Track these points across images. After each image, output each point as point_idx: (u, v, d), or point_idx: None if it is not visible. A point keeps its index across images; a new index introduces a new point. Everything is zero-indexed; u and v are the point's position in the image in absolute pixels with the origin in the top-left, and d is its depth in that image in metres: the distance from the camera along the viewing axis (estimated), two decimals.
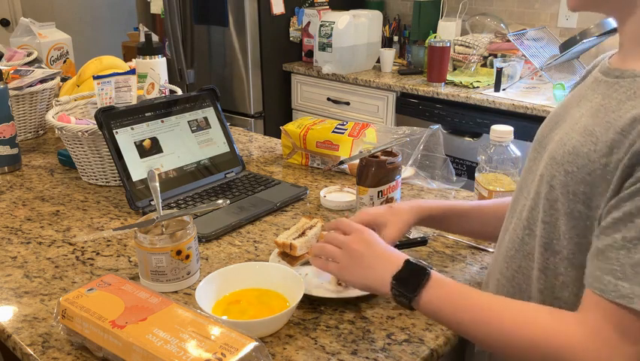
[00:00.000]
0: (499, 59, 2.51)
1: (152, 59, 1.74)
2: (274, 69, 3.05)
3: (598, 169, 0.67)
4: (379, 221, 0.96)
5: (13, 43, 2.27)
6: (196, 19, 3.06)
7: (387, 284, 0.78)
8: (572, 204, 0.70)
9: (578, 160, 0.69)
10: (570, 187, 0.70)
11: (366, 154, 1.16)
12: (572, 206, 0.70)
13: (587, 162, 0.68)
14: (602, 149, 0.67)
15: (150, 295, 0.81)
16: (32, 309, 0.93)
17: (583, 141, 0.70)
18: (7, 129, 1.49)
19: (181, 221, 1.00)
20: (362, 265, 0.82)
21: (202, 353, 0.68)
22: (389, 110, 2.72)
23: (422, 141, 1.40)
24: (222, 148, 1.44)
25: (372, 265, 0.81)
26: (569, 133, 0.73)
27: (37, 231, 1.19)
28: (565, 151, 0.72)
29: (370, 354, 0.82)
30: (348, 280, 0.85)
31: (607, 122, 0.68)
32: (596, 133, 0.68)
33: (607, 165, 0.66)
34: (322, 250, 0.88)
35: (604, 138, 0.67)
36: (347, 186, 1.36)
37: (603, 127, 0.68)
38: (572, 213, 0.70)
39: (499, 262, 0.86)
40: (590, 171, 0.68)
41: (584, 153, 0.69)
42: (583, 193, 0.69)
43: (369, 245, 0.84)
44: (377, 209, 0.98)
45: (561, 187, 0.71)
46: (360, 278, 0.83)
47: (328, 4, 3.11)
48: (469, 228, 1.03)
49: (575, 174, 0.69)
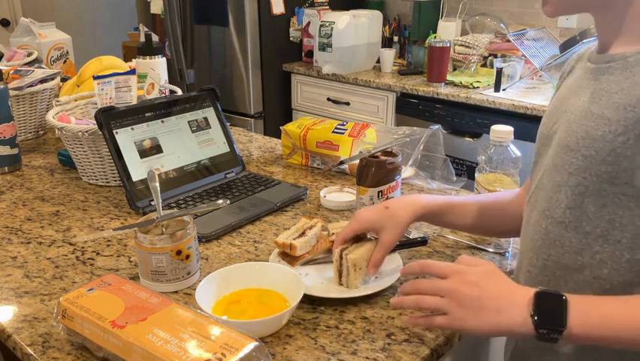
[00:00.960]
0: (499, 59, 2.51)
1: (152, 59, 1.74)
2: (274, 69, 3.05)
3: (617, 148, 0.70)
4: (376, 226, 0.96)
5: (13, 44, 2.27)
6: (196, 19, 3.06)
7: (527, 324, 0.69)
8: (596, 185, 0.72)
9: (595, 144, 0.72)
10: (591, 170, 0.73)
11: (366, 154, 1.16)
12: (597, 187, 0.72)
13: (605, 143, 0.71)
14: (617, 128, 0.70)
15: (150, 295, 0.81)
16: (32, 309, 0.93)
17: (594, 125, 0.73)
18: (7, 129, 1.49)
19: (181, 221, 1.00)
20: (482, 309, 0.72)
21: (202, 353, 0.68)
22: (389, 111, 2.72)
23: (422, 141, 1.40)
24: (222, 148, 1.44)
25: (497, 308, 0.71)
26: (576, 121, 0.76)
27: (38, 231, 1.19)
28: (578, 137, 0.75)
29: (370, 354, 0.82)
30: (470, 330, 0.73)
31: (614, 103, 0.71)
32: (606, 115, 0.72)
33: (626, 142, 0.69)
34: (419, 302, 0.77)
35: (616, 117, 0.71)
36: (347, 186, 1.36)
37: (612, 108, 0.71)
38: (599, 193, 0.72)
39: (526, 255, 0.86)
40: (609, 151, 0.71)
41: (599, 136, 0.72)
42: (606, 173, 0.71)
43: (479, 285, 0.73)
44: (373, 213, 0.97)
45: (582, 172, 0.74)
46: (486, 325, 0.72)
47: (328, 4, 3.11)
48: (468, 223, 1.03)
49: (594, 157, 0.72)
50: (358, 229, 0.96)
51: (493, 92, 2.42)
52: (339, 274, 0.95)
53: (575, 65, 0.88)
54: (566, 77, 0.90)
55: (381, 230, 0.95)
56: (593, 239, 0.75)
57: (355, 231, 0.96)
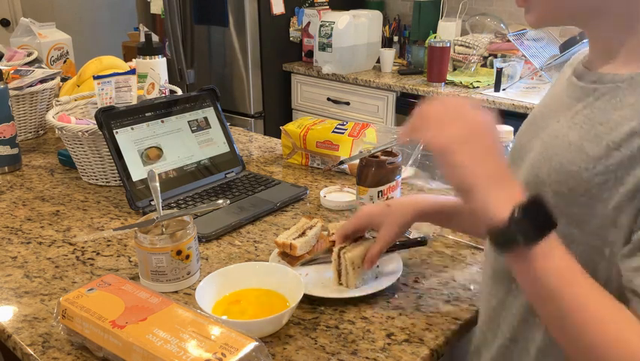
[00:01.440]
0: (499, 59, 2.51)
1: (152, 59, 1.74)
2: (274, 69, 3.05)
3: (593, 188, 0.61)
4: (375, 221, 0.95)
5: (13, 44, 2.27)
6: (196, 19, 3.06)
7: (504, 206, 0.60)
8: (564, 228, 0.63)
9: (569, 180, 0.63)
10: (560, 209, 0.63)
11: (366, 154, 1.16)
12: (564, 230, 0.63)
13: (580, 181, 0.62)
14: (597, 166, 0.61)
15: (150, 295, 0.81)
16: (32, 309, 0.93)
17: (571, 158, 0.64)
18: (7, 129, 1.49)
19: (181, 221, 1.00)
20: (483, 151, 0.62)
21: (202, 353, 0.68)
22: (389, 110, 2.72)
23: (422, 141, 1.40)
24: (222, 148, 1.44)
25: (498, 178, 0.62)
26: (552, 147, 0.68)
27: (38, 231, 1.19)
28: (551, 169, 0.66)
29: (370, 354, 0.82)
30: (457, 158, 0.62)
31: (596, 137, 0.62)
32: (585, 149, 0.63)
33: (603, 184, 0.60)
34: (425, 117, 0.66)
35: (596, 154, 0.61)
36: (347, 186, 1.36)
37: (593, 142, 0.62)
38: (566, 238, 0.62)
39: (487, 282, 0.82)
40: (583, 191, 0.62)
41: (574, 172, 0.63)
42: (577, 215, 0.63)
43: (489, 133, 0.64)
44: (374, 208, 0.97)
45: None
46: (475, 164, 0.62)
47: (328, 4, 3.11)
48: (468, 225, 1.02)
49: (565, 196, 0.64)
50: (358, 223, 0.96)
51: (493, 92, 2.43)
52: (338, 273, 0.95)
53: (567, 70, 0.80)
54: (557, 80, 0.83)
55: (379, 226, 0.95)
56: None
57: (355, 225, 0.96)
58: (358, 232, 0.98)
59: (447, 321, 0.89)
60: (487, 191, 0.61)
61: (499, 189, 0.61)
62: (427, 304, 0.93)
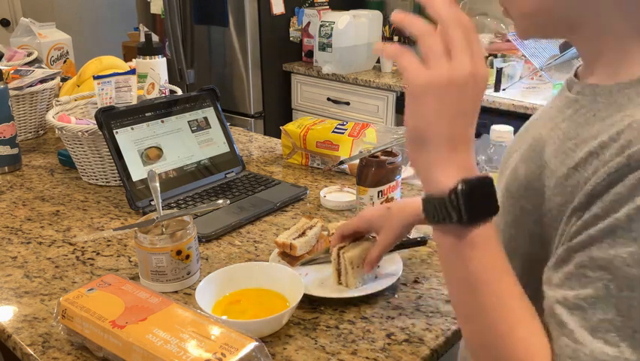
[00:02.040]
0: (499, 59, 2.51)
1: (152, 59, 1.74)
2: (274, 69, 3.05)
3: (554, 208, 0.57)
4: (376, 225, 0.94)
5: (13, 43, 2.27)
6: (196, 19, 3.06)
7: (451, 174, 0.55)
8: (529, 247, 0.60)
9: (534, 196, 0.60)
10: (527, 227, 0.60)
11: (366, 154, 1.16)
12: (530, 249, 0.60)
13: (542, 200, 0.58)
14: (557, 186, 0.57)
15: (150, 295, 0.81)
16: (32, 309, 0.93)
17: (539, 174, 0.60)
18: (7, 129, 1.49)
19: (181, 221, 1.00)
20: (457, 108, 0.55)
21: (202, 353, 0.68)
22: (389, 110, 2.72)
23: None
24: (222, 148, 1.44)
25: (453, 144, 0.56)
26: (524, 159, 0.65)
27: (38, 231, 1.19)
28: (519, 184, 0.63)
29: (370, 354, 0.82)
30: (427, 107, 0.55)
31: (562, 153, 0.58)
32: (550, 165, 0.59)
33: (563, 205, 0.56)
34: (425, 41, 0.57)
35: (558, 172, 0.57)
36: (347, 186, 1.36)
37: (558, 159, 0.58)
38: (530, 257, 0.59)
39: None
40: (546, 211, 0.58)
41: (539, 189, 0.59)
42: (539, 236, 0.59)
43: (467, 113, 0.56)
44: (374, 211, 0.96)
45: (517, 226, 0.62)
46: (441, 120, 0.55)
47: (328, 4, 3.11)
48: None
49: (531, 213, 0.60)
50: (357, 225, 0.96)
51: (493, 92, 2.43)
52: (337, 273, 0.95)
53: None
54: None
55: (380, 229, 0.94)
56: None
57: (355, 226, 0.96)
58: (357, 234, 0.97)
59: (447, 321, 0.89)
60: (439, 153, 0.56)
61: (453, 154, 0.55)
62: (427, 304, 0.93)
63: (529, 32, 0.67)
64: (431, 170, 0.56)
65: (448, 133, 0.55)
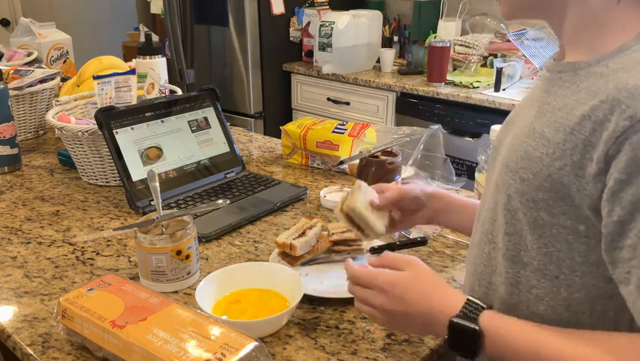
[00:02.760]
0: (499, 59, 2.51)
1: (152, 59, 1.74)
2: (274, 69, 3.05)
3: (554, 173, 0.63)
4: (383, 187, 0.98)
5: (13, 43, 2.27)
6: (196, 19, 3.05)
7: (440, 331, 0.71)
8: (533, 212, 0.66)
9: (532, 166, 0.66)
10: (528, 195, 0.66)
11: (366, 154, 1.16)
12: (534, 214, 0.66)
13: (542, 167, 0.65)
14: (555, 152, 0.63)
15: (150, 295, 0.81)
16: (32, 309, 0.93)
17: (534, 145, 0.66)
18: (7, 129, 1.49)
19: (181, 221, 1.00)
20: (410, 324, 0.75)
21: (202, 353, 0.68)
22: (389, 110, 2.72)
23: (422, 141, 1.40)
24: (222, 148, 1.44)
25: (423, 323, 0.73)
26: (519, 137, 0.70)
27: (37, 231, 1.19)
28: (517, 157, 0.69)
29: (370, 354, 0.82)
30: (383, 322, 0.78)
31: (555, 122, 0.65)
32: (546, 135, 0.65)
33: (562, 168, 0.63)
34: (359, 308, 0.79)
35: (555, 139, 0.64)
36: (347, 186, 1.36)
37: (552, 127, 0.65)
38: (536, 222, 0.66)
39: (468, 279, 0.82)
40: (545, 177, 0.64)
41: (536, 158, 0.65)
42: (543, 200, 0.65)
43: (405, 300, 0.73)
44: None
45: (519, 196, 0.67)
46: (417, 332, 0.84)
47: (328, 4, 3.11)
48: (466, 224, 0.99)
49: (530, 181, 0.66)
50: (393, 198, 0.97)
51: (493, 92, 2.42)
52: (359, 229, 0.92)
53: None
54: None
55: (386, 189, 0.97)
56: (530, 271, 0.69)
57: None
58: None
59: None
60: (421, 331, 0.83)
61: (429, 329, 0.75)
62: None
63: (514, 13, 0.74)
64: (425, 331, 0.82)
65: (411, 326, 0.76)
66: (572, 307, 0.67)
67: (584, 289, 0.65)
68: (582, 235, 0.64)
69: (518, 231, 0.69)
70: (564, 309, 0.67)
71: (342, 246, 1.04)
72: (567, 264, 0.65)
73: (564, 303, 0.67)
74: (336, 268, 1.02)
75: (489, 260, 0.75)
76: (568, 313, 0.67)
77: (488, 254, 0.75)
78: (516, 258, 0.70)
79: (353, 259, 0.94)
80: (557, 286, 0.67)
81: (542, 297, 0.68)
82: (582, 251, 0.64)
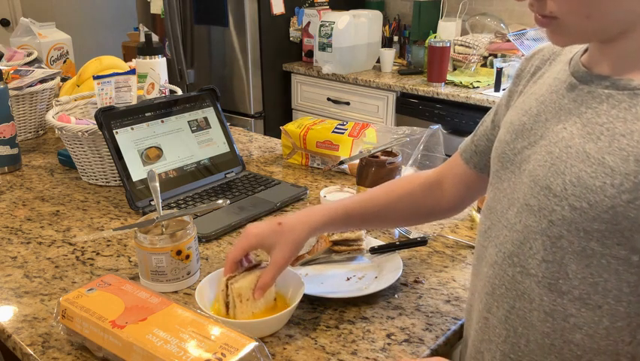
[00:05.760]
0: (499, 59, 2.51)
1: (152, 59, 1.74)
2: (274, 69, 3.05)
3: (619, 206, 0.59)
4: (266, 243, 0.86)
5: (13, 43, 2.27)
6: (196, 19, 3.06)
7: None
8: (582, 242, 0.62)
9: (589, 195, 0.61)
10: (580, 225, 0.62)
11: (366, 154, 1.16)
12: (582, 244, 0.62)
13: (603, 198, 0.60)
14: (624, 183, 0.58)
15: (150, 295, 0.81)
16: (32, 309, 0.93)
17: (591, 173, 0.61)
18: (7, 129, 1.49)
19: (181, 221, 1.00)
20: None
21: (202, 353, 0.68)
22: (389, 110, 2.72)
23: (422, 141, 1.40)
24: (222, 148, 1.44)
25: None
26: (561, 157, 0.65)
27: (37, 231, 1.19)
28: (566, 181, 0.63)
29: (370, 354, 0.82)
30: None
31: (620, 150, 0.59)
32: (608, 163, 0.60)
33: (632, 202, 0.58)
34: None
35: (623, 169, 0.59)
36: (347, 186, 1.36)
37: (617, 156, 0.60)
38: (584, 252, 0.62)
39: (480, 298, 0.76)
40: (607, 208, 0.60)
41: (596, 187, 0.60)
42: (597, 231, 0.61)
43: None
44: (264, 228, 0.87)
45: (567, 224, 0.63)
46: None
47: (328, 4, 3.11)
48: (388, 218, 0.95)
49: (585, 211, 0.61)
50: (248, 246, 0.86)
51: (493, 92, 2.42)
52: (225, 305, 0.85)
53: (542, 67, 0.76)
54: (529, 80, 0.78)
55: (272, 248, 0.85)
56: (569, 300, 0.64)
57: (244, 248, 0.87)
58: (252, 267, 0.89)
59: (447, 321, 0.89)
60: None
61: None
62: (427, 304, 0.93)
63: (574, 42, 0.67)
64: None
65: None
66: (612, 336, 0.64)
67: (628, 318, 0.63)
68: (634, 265, 0.61)
69: (559, 259, 0.65)
70: (603, 338, 0.64)
71: (342, 246, 1.04)
72: (614, 294, 0.62)
73: (604, 332, 0.64)
74: (336, 268, 1.02)
75: (513, 284, 0.70)
76: (606, 341, 0.64)
77: (512, 277, 0.70)
78: (554, 286, 0.66)
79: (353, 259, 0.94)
80: (600, 316, 0.63)
81: (581, 326, 0.65)
82: (632, 282, 0.61)
